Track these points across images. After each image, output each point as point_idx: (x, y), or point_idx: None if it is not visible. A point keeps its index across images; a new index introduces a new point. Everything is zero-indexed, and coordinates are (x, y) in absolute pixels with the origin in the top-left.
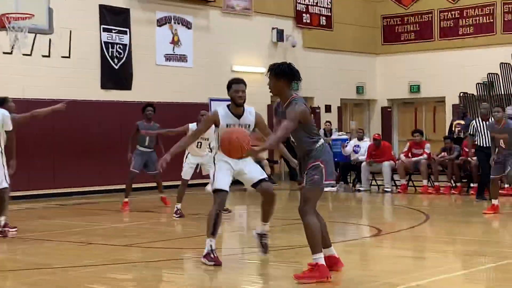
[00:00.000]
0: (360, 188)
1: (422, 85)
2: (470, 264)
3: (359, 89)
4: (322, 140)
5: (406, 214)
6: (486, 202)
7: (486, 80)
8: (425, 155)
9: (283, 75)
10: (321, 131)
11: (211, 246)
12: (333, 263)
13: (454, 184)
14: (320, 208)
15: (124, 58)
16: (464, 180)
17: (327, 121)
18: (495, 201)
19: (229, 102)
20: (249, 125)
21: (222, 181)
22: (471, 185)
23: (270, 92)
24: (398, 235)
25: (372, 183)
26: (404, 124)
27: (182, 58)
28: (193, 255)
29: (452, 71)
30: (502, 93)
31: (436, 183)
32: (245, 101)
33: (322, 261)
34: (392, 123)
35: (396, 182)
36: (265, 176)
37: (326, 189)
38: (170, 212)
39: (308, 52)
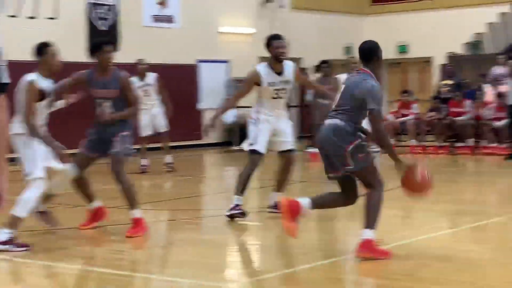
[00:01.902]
0: None
1: (410, 45)
2: (456, 223)
3: (347, 50)
4: None
5: (394, 173)
6: None
7: (473, 40)
8: (413, 115)
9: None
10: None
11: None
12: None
13: (441, 144)
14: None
15: (111, 20)
16: (451, 140)
17: None
18: None
19: (266, 61)
20: (289, 81)
21: (261, 143)
22: (457, 144)
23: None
24: (386, 195)
25: None
26: (393, 84)
27: (169, 19)
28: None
29: (439, 31)
30: (489, 53)
31: (423, 143)
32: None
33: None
34: (381, 83)
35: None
36: (294, 147)
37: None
38: None
39: (296, 12)
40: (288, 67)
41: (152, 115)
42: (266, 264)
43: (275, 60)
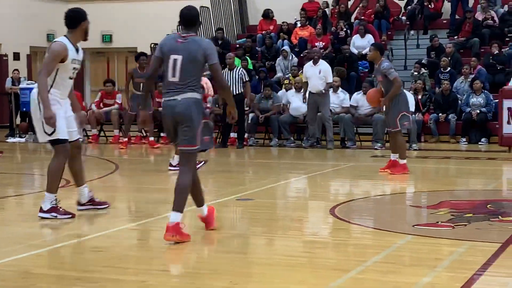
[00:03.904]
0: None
1: (114, 35)
2: (157, 211)
3: (50, 37)
4: None
5: (97, 164)
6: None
7: (176, 32)
8: (116, 105)
9: None
10: (9, 80)
11: (56, 199)
12: None
13: (144, 134)
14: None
15: None
16: (155, 130)
17: (15, 70)
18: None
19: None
20: (81, 61)
21: (64, 129)
22: (161, 134)
23: None
24: (89, 185)
25: None
26: (97, 74)
27: None
28: None
29: (143, 22)
30: None
31: (128, 133)
32: None
33: None
34: (84, 72)
35: (88, 132)
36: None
37: None
38: None
39: None
40: (79, 46)
41: None
42: None
43: (83, 37)
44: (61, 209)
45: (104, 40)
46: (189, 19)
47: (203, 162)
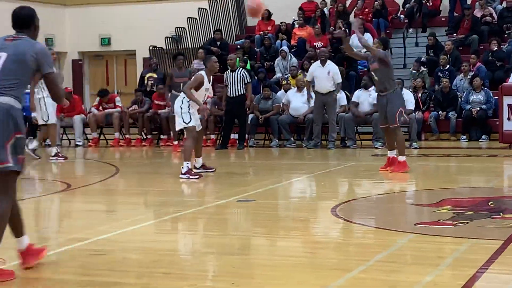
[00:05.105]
0: (49, 143)
1: (113, 38)
2: (158, 214)
3: (49, 41)
4: None
5: (98, 167)
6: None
7: (175, 34)
8: (118, 108)
9: None
10: None
11: None
12: None
13: (144, 137)
14: None
15: None
16: (154, 133)
17: None
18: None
19: None
20: None
21: None
22: (161, 137)
23: None
24: (89, 189)
25: (63, 138)
26: (96, 77)
27: None
28: None
29: (142, 24)
30: (190, 47)
31: (127, 136)
32: None
33: None
34: (83, 76)
35: (88, 135)
36: None
37: None
38: None
39: None
40: None
41: None
42: None
43: None
44: None
45: (103, 43)
46: (20, 18)
47: (212, 169)
